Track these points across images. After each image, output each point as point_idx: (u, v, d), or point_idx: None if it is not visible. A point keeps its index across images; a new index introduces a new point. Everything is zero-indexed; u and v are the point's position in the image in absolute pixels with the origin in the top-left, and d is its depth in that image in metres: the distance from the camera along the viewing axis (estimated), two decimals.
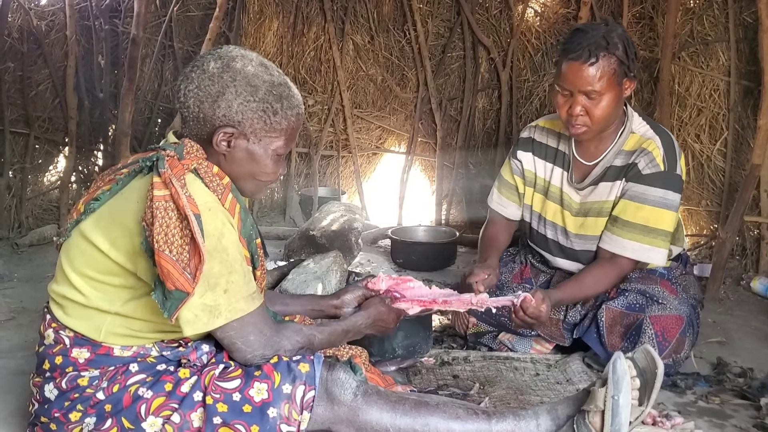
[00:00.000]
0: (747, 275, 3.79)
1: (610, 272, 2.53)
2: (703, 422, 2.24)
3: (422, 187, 5.26)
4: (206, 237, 1.61)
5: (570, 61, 2.37)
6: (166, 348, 1.77)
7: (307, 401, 1.70)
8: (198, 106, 1.72)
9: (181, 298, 1.60)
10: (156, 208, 1.60)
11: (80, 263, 1.74)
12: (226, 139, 1.73)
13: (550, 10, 4.73)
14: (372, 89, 5.13)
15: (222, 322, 1.67)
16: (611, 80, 2.37)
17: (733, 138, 4.04)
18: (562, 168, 2.68)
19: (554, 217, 2.71)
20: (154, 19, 4.67)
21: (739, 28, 4.00)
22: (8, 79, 4.37)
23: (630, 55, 2.39)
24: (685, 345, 2.50)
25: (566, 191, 2.66)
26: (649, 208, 2.46)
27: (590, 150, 2.60)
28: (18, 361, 2.51)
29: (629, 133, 2.54)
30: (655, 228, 2.46)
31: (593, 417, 1.72)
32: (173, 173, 1.63)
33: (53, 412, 1.75)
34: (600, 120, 2.42)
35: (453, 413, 1.78)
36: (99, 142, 4.78)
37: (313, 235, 3.85)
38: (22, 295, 3.24)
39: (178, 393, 1.70)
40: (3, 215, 4.28)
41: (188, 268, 1.60)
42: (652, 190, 2.46)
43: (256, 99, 1.72)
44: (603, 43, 2.34)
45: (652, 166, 2.47)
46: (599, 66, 2.34)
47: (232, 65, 1.72)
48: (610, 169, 2.55)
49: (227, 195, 1.71)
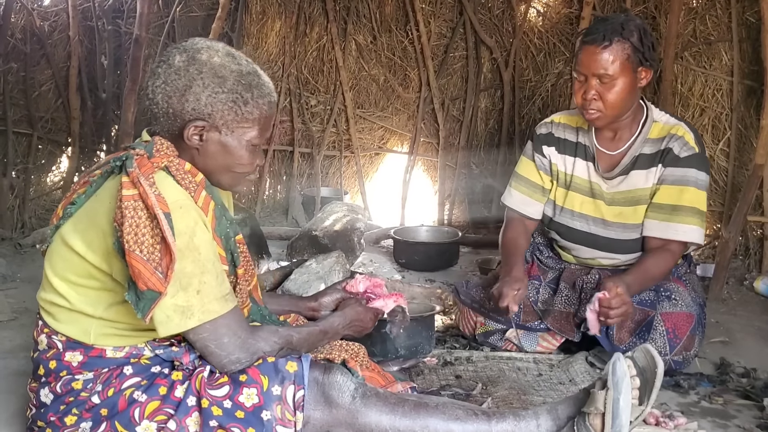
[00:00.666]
0: (750, 275, 3.78)
1: (668, 258, 2.54)
2: (707, 422, 2.23)
3: (425, 187, 5.25)
4: (177, 235, 1.59)
5: (585, 45, 2.44)
6: (159, 347, 1.75)
7: (298, 401, 1.68)
8: (166, 102, 1.69)
9: (154, 298, 1.58)
10: (125, 208, 1.58)
11: (61, 268, 1.72)
12: (197, 132, 1.70)
13: (553, 10, 4.73)
14: (374, 89, 5.13)
15: (195, 323, 1.63)
16: (625, 65, 2.41)
17: (736, 138, 4.03)
18: (586, 160, 2.68)
19: (582, 208, 2.70)
20: (156, 19, 4.68)
21: (741, 27, 3.99)
22: (11, 79, 4.38)
23: (646, 44, 2.43)
24: (695, 343, 2.50)
25: (595, 181, 2.67)
26: (692, 190, 2.50)
27: (612, 140, 2.63)
28: (20, 361, 2.52)
29: (652, 122, 2.57)
30: (697, 209, 2.51)
31: (594, 419, 1.72)
32: (141, 172, 1.61)
33: (49, 416, 1.74)
34: (613, 105, 2.45)
35: (452, 414, 1.77)
36: (102, 143, 4.78)
37: (315, 235, 3.85)
38: (24, 295, 3.25)
39: (173, 398, 1.68)
40: (6, 215, 4.29)
41: (160, 268, 1.57)
42: (691, 171, 2.50)
43: (224, 90, 1.68)
44: (618, 29, 2.40)
45: (687, 149, 2.51)
46: (612, 50, 2.39)
47: (197, 57, 1.68)
48: (640, 158, 2.57)
49: (200, 192, 1.69)
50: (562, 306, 2.64)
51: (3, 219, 4.27)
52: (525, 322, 2.71)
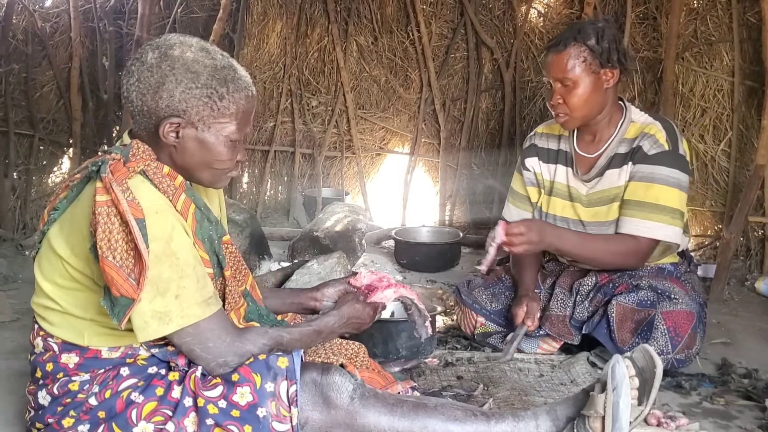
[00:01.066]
0: (751, 276, 3.78)
1: (628, 242, 2.52)
2: (708, 423, 2.23)
3: (426, 188, 5.26)
4: (153, 241, 1.57)
5: (548, 52, 2.54)
6: (154, 346, 1.74)
7: (292, 396, 1.66)
8: (141, 99, 1.66)
9: (128, 305, 1.57)
10: (98, 214, 1.57)
11: (49, 272, 1.72)
12: (173, 129, 1.67)
13: (554, 11, 4.73)
14: (375, 90, 5.14)
15: (173, 328, 1.62)
16: (583, 68, 2.46)
17: (737, 138, 4.03)
18: (566, 165, 2.73)
19: (564, 212, 2.73)
20: (158, 20, 4.68)
21: (742, 28, 3.99)
22: (13, 80, 4.38)
23: (604, 45, 2.47)
24: (697, 341, 2.50)
25: (573, 185, 2.70)
26: (658, 186, 2.50)
27: (591, 143, 2.66)
28: (22, 362, 2.51)
29: (629, 122, 2.60)
30: (666, 206, 2.49)
31: (593, 422, 1.72)
32: (114, 177, 1.59)
33: (47, 418, 1.74)
34: (577, 107, 2.50)
35: (451, 415, 1.76)
36: (103, 144, 4.78)
37: (317, 236, 3.85)
38: (26, 296, 3.24)
39: (170, 398, 1.67)
40: (8, 216, 4.29)
41: (133, 274, 1.56)
42: (659, 168, 2.50)
43: (198, 85, 1.65)
44: (575, 33, 2.48)
45: (656, 146, 2.51)
46: (568, 54, 2.46)
47: (169, 53, 1.65)
48: (615, 157, 2.60)
49: (179, 196, 1.67)
50: (558, 309, 2.65)
51: (4, 220, 4.28)
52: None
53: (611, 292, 2.60)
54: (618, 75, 2.53)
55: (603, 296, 2.61)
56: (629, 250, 2.54)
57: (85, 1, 4.54)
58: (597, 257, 2.58)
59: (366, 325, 2.04)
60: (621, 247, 2.54)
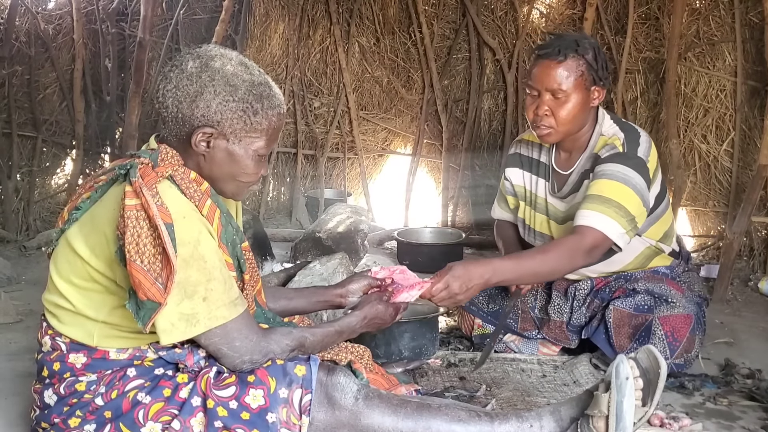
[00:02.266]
0: (755, 276, 3.78)
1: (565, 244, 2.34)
2: (711, 424, 2.23)
3: (428, 189, 5.26)
4: (181, 245, 1.58)
5: (540, 59, 2.42)
6: (162, 349, 1.74)
7: (305, 405, 1.67)
8: (176, 106, 1.68)
9: (154, 309, 1.58)
10: (127, 218, 1.58)
11: (66, 271, 1.73)
12: (205, 139, 1.69)
13: (556, 12, 4.73)
14: (378, 91, 5.14)
15: (201, 330, 1.63)
16: (578, 82, 2.38)
17: (740, 138, 4.03)
18: (544, 179, 2.67)
19: (542, 227, 2.70)
20: (160, 22, 4.69)
21: (745, 28, 3.99)
22: (16, 82, 4.40)
23: (600, 62, 2.41)
24: (695, 343, 2.49)
25: (551, 201, 2.65)
26: (604, 181, 2.38)
27: (566, 159, 2.60)
28: (25, 363, 2.52)
29: (599, 136, 2.51)
30: (610, 198, 2.33)
31: (597, 422, 1.72)
32: (144, 182, 1.60)
33: (53, 417, 1.74)
34: (564, 122, 2.42)
35: (455, 415, 1.76)
36: (106, 145, 4.80)
37: (319, 236, 3.85)
38: (29, 297, 3.25)
39: (177, 398, 1.68)
40: (11, 218, 4.30)
41: (160, 279, 1.58)
42: (609, 165, 2.40)
43: (235, 99, 1.68)
44: (574, 45, 2.38)
45: (612, 150, 2.43)
46: (567, 65, 2.37)
47: (210, 64, 1.68)
48: (583, 174, 2.53)
49: (205, 201, 1.69)
50: (555, 315, 2.64)
51: (8, 222, 4.29)
52: (523, 330, 2.72)
53: (608, 297, 2.58)
54: (604, 94, 2.47)
55: (600, 301, 2.60)
56: (570, 248, 2.32)
57: (88, 3, 4.55)
58: (543, 270, 2.34)
59: (386, 325, 2.07)
60: (560, 249, 2.33)
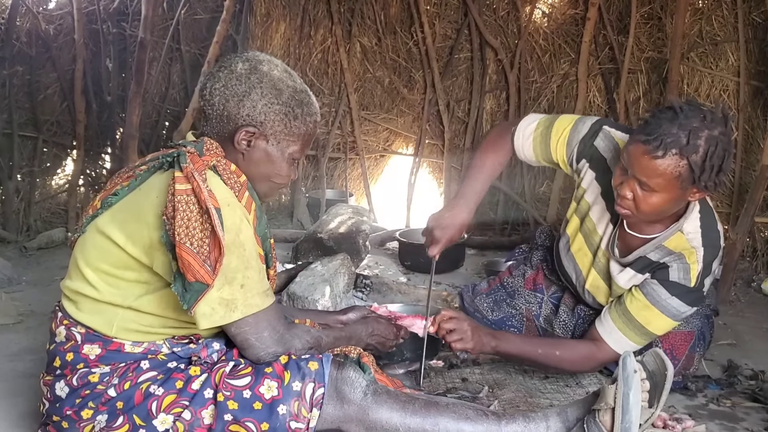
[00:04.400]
0: (758, 277, 3.77)
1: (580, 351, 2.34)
2: (715, 425, 2.22)
3: (430, 189, 5.25)
4: (225, 231, 1.65)
5: (636, 142, 2.04)
6: (177, 344, 1.79)
7: (317, 398, 1.72)
8: (223, 104, 1.77)
9: (201, 290, 1.64)
10: (178, 202, 1.64)
11: (95, 258, 1.76)
12: (247, 138, 1.78)
13: (558, 11, 4.73)
14: (379, 91, 5.13)
15: (238, 316, 1.69)
16: (672, 182, 2.04)
17: (743, 138, 4.02)
18: (610, 221, 2.38)
19: (578, 257, 2.50)
20: (161, 22, 4.69)
21: (748, 28, 3.98)
22: (17, 82, 4.39)
23: (708, 165, 2.01)
24: (694, 361, 2.47)
25: (603, 249, 2.40)
26: (656, 312, 2.24)
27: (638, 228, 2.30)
28: (26, 363, 2.52)
29: (677, 231, 2.24)
30: (650, 332, 2.27)
31: (603, 416, 1.72)
32: (195, 168, 1.68)
33: (65, 409, 1.76)
34: (646, 213, 2.14)
35: (463, 414, 1.79)
36: (107, 145, 4.80)
37: (320, 237, 3.84)
38: (30, 298, 3.25)
39: (189, 390, 1.71)
40: (11, 219, 4.30)
41: (208, 261, 1.63)
42: (671, 299, 2.23)
43: (279, 102, 1.77)
44: (682, 141, 1.99)
45: (684, 279, 2.22)
46: (663, 163, 2.00)
47: (259, 68, 1.78)
48: (642, 260, 2.29)
49: (244, 192, 1.76)
50: (561, 330, 2.62)
51: (8, 222, 4.28)
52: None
53: None
54: (704, 195, 2.16)
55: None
56: (583, 357, 2.32)
57: (89, 3, 4.55)
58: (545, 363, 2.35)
59: (389, 344, 2.23)
60: (573, 355, 2.32)
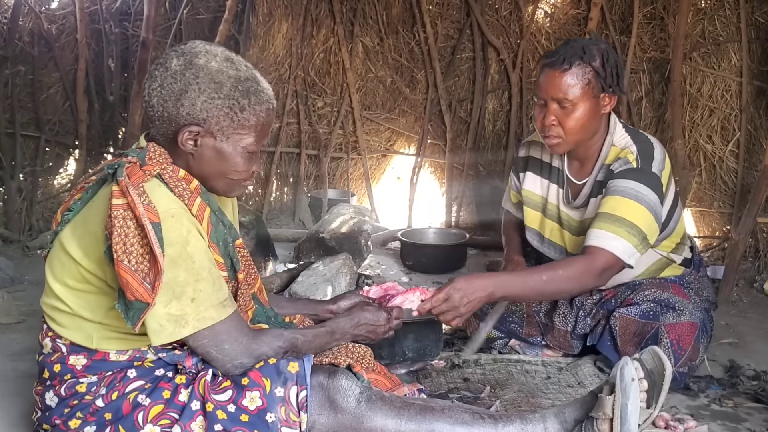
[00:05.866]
0: (760, 277, 3.76)
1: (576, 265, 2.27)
2: (717, 426, 2.22)
3: (432, 189, 5.25)
4: (169, 245, 1.58)
5: (545, 68, 2.35)
6: (162, 350, 1.74)
7: (302, 401, 1.67)
8: (162, 105, 1.67)
9: (142, 309, 1.57)
10: (114, 218, 1.57)
11: (61, 273, 1.73)
12: (191, 138, 1.68)
13: (560, 11, 4.72)
14: (381, 91, 5.13)
15: (189, 331, 1.63)
16: (585, 90, 2.31)
17: (746, 139, 4.01)
18: (558, 185, 2.60)
19: (552, 236, 2.65)
20: (163, 21, 4.69)
21: (750, 28, 3.98)
22: (19, 82, 4.40)
23: (608, 69, 2.32)
24: (700, 351, 2.47)
25: (564, 210, 2.59)
26: (616, 198, 2.31)
27: (578, 168, 2.53)
28: (28, 363, 2.52)
29: (610, 146, 2.44)
30: (621, 217, 2.27)
31: (602, 424, 1.70)
32: (131, 181, 1.59)
33: (54, 419, 1.74)
34: (573, 131, 2.35)
35: (459, 418, 1.76)
36: (109, 145, 4.80)
37: (322, 237, 3.84)
38: (32, 297, 3.25)
39: (177, 402, 1.68)
40: (14, 218, 4.30)
41: (148, 279, 1.57)
42: (621, 181, 2.33)
43: (220, 96, 1.66)
44: (580, 52, 2.30)
45: (625, 165, 2.36)
46: (572, 73, 2.30)
47: (194, 62, 1.67)
48: (595, 185, 2.47)
49: (195, 200, 1.67)
50: (560, 324, 2.63)
51: (11, 222, 4.29)
52: (527, 335, 2.70)
53: (613, 307, 2.55)
54: (615, 101, 2.39)
55: (606, 312, 2.57)
56: (581, 270, 2.26)
57: (91, 3, 4.55)
58: (549, 289, 2.27)
59: (381, 330, 2.06)
60: (570, 270, 2.25)
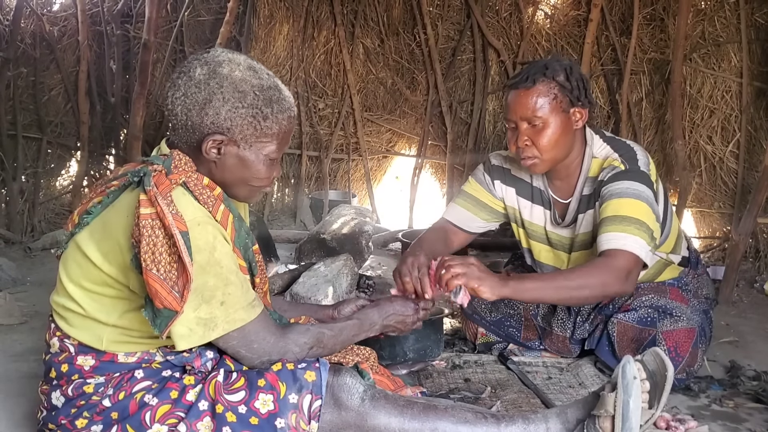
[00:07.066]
0: (760, 277, 3.77)
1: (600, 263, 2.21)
2: (717, 426, 2.22)
3: (433, 190, 5.25)
4: (197, 252, 1.59)
5: (510, 90, 2.34)
6: (170, 353, 1.75)
7: (314, 410, 1.68)
8: (186, 114, 1.68)
9: (170, 317, 1.59)
10: (143, 227, 1.58)
11: (77, 275, 1.73)
12: (215, 146, 1.69)
13: (561, 13, 4.73)
14: (382, 92, 5.14)
15: (219, 333, 1.66)
16: (553, 105, 2.28)
17: (746, 139, 4.02)
18: (543, 206, 2.55)
19: (547, 260, 2.62)
20: (165, 23, 4.70)
21: (751, 29, 3.98)
22: (21, 84, 4.41)
23: (573, 82, 2.30)
24: (698, 357, 2.47)
25: (552, 230, 2.56)
26: (616, 200, 2.28)
27: (561, 187, 2.49)
28: (31, 364, 2.53)
29: (591, 159, 2.42)
30: (628, 216, 2.25)
31: (603, 422, 1.71)
32: (159, 191, 1.60)
33: (60, 419, 1.75)
34: (547, 149, 2.31)
35: (462, 417, 1.76)
36: (111, 147, 4.81)
37: (323, 238, 3.85)
38: (35, 298, 3.26)
39: (184, 401, 1.69)
40: (16, 219, 4.31)
41: (176, 287, 1.58)
42: (616, 184, 2.30)
43: (244, 105, 1.68)
44: (542, 69, 2.29)
45: (612, 171, 2.34)
46: (537, 90, 2.27)
47: (218, 71, 1.68)
48: (582, 200, 2.45)
49: (219, 206, 1.69)
50: (559, 330, 2.63)
51: (13, 223, 4.30)
52: (526, 339, 2.70)
53: (611, 312, 2.55)
54: (587, 114, 2.36)
55: (604, 317, 2.57)
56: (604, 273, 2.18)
57: (93, 5, 4.57)
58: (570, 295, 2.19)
59: (410, 321, 2.07)
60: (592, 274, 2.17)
